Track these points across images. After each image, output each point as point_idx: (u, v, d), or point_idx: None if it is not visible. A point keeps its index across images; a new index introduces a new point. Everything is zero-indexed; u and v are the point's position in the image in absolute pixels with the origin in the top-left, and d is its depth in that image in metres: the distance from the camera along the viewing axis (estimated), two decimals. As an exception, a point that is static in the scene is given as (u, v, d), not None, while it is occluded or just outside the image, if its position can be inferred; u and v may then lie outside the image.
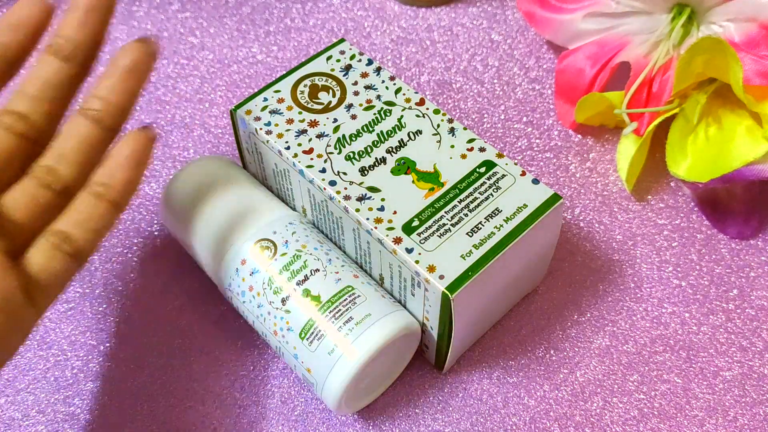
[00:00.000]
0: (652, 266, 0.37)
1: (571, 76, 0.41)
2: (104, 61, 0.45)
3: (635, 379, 0.34)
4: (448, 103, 0.43)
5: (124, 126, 0.28)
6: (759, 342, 0.35)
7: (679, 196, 0.40)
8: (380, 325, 0.30)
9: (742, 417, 0.33)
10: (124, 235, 0.38)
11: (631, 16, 0.39)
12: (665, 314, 0.36)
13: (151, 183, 0.40)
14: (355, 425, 0.33)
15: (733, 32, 0.36)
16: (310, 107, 0.34)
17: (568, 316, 0.36)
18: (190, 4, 0.49)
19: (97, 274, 0.37)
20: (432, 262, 0.29)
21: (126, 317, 0.36)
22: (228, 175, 0.35)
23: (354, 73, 0.35)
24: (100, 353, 0.35)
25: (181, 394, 0.34)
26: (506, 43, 0.46)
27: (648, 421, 0.33)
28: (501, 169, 0.32)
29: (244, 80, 0.45)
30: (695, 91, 0.37)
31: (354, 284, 0.31)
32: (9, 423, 0.33)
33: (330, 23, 0.47)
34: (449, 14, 0.48)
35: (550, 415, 0.33)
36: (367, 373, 0.30)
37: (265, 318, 0.31)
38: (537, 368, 0.34)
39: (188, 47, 0.46)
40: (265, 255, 0.32)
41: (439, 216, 0.31)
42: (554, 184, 0.40)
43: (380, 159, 0.32)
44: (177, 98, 0.44)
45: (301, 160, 0.32)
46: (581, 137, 0.42)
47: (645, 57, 0.39)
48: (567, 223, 0.39)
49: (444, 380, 0.34)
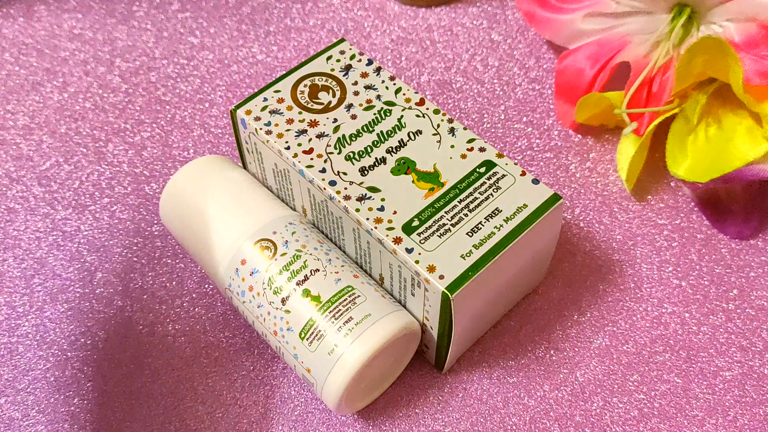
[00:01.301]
0: (652, 266, 0.37)
1: (571, 76, 0.41)
2: (106, 62, 0.45)
3: (635, 379, 0.34)
4: (448, 103, 0.43)
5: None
6: (759, 342, 0.35)
7: (679, 196, 0.40)
8: (380, 325, 0.30)
9: (742, 417, 0.33)
10: (124, 235, 0.38)
11: (631, 16, 0.39)
12: (665, 314, 0.36)
13: (151, 183, 0.40)
14: (355, 425, 0.33)
15: (733, 32, 0.36)
16: (310, 107, 0.34)
17: (568, 316, 0.36)
18: (190, 4, 0.49)
19: (97, 275, 0.37)
20: (432, 262, 0.29)
21: (126, 317, 0.36)
22: (228, 175, 0.35)
23: (354, 73, 0.35)
24: (100, 353, 0.35)
25: (181, 394, 0.34)
26: (506, 43, 0.46)
27: (648, 421, 0.33)
28: (501, 169, 0.32)
29: (244, 80, 0.45)
30: (695, 91, 0.37)
31: (354, 284, 0.31)
32: (9, 423, 0.33)
33: (330, 23, 0.47)
34: (449, 14, 0.48)
35: (550, 415, 0.33)
36: (367, 373, 0.30)
37: (265, 318, 0.31)
38: (537, 368, 0.34)
39: (188, 47, 0.46)
40: (265, 255, 0.32)
41: (439, 216, 0.31)
42: (554, 184, 0.40)
43: (380, 159, 0.32)
44: (177, 98, 0.44)
45: (301, 160, 0.32)
46: (581, 137, 0.42)
47: (645, 57, 0.39)
48: (567, 223, 0.39)
49: (444, 380, 0.34)
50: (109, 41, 0.47)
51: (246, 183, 0.35)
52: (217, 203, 0.34)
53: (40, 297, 0.36)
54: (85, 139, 0.42)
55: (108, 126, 0.43)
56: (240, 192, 0.35)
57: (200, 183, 0.35)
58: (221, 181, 0.35)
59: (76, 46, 0.46)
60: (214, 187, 0.35)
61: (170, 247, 0.38)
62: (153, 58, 0.46)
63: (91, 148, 0.42)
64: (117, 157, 0.41)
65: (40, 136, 0.42)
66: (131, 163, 0.41)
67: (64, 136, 0.42)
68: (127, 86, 0.44)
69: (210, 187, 0.34)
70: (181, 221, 0.35)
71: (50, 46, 0.46)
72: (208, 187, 0.35)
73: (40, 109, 0.44)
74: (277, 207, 0.34)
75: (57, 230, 0.39)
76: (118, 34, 0.47)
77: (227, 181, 0.35)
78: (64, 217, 0.39)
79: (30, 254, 0.38)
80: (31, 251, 0.38)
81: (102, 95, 0.44)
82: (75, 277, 0.37)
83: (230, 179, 0.35)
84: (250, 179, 0.36)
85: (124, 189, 0.40)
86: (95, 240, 0.38)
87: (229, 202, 0.34)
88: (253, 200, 0.34)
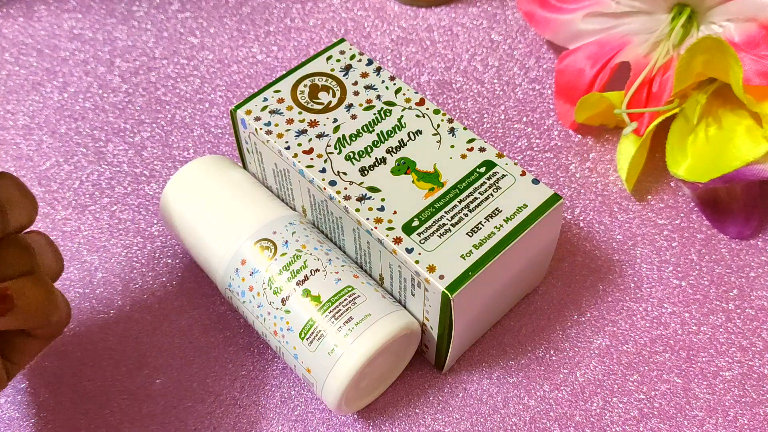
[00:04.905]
0: (652, 266, 0.37)
1: (571, 76, 0.41)
2: (106, 62, 0.45)
3: (635, 379, 0.34)
4: (448, 103, 0.43)
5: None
6: (759, 342, 0.35)
7: (679, 196, 0.40)
8: (380, 325, 0.30)
9: (742, 417, 0.33)
10: (124, 235, 0.38)
11: (631, 16, 0.39)
12: (665, 314, 0.36)
13: (151, 183, 0.40)
14: (355, 425, 0.33)
15: (733, 32, 0.36)
16: (310, 107, 0.34)
17: (568, 316, 0.36)
18: (190, 4, 0.49)
19: (97, 275, 0.37)
20: (432, 262, 0.29)
21: (126, 317, 0.36)
22: (228, 175, 0.35)
23: (354, 73, 0.35)
24: (100, 353, 0.35)
25: (180, 394, 0.34)
26: (506, 43, 0.46)
27: (648, 421, 0.33)
28: (501, 169, 0.32)
29: (244, 80, 0.45)
30: (695, 91, 0.37)
31: (354, 284, 0.31)
32: (9, 423, 0.33)
33: (330, 23, 0.47)
34: (449, 14, 0.48)
35: (550, 415, 0.33)
36: (367, 373, 0.30)
37: (265, 318, 0.31)
38: (537, 368, 0.34)
39: (188, 47, 0.46)
40: (265, 255, 0.32)
41: (439, 216, 0.31)
42: (554, 184, 0.40)
43: (380, 159, 0.32)
44: (177, 98, 0.44)
45: (301, 160, 0.32)
46: (581, 137, 0.42)
47: (645, 57, 0.39)
48: (567, 223, 0.39)
49: (444, 380, 0.34)
50: (109, 41, 0.47)
51: (246, 183, 0.35)
52: (217, 203, 0.34)
53: (40, 297, 0.36)
54: (85, 139, 0.42)
55: (108, 126, 0.43)
56: (240, 192, 0.35)
57: (200, 183, 0.35)
58: (221, 181, 0.35)
59: (76, 46, 0.46)
60: (214, 187, 0.35)
61: (170, 247, 0.38)
62: (153, 58, 0.46)
63: (91, 148, 0.42)
64: (117, 157, 0.41)
65: (40, 136, 0.42)
66: (131, 163, 0.41)
67: (64, 136, 0.42)
68: (127, 86, 0.44)
69: (210, 187, 0.34)
70: (181, 221, 0.35)
71: (50, 46, 0.46)
72: (208, 187, 0.35)
73: (40, 109, 0.44)
74: (277, 207, 0.34)
75: (57, 230, 0.39)
76: (118, 34, 0.47)
77: (227, 181, 0.35)
78: (64, 217, 0.39)
79: (30, 254, 0.38)
80: (31, 251, 0.38)
81: (102, 95, 0.44)
82: (75, 277, 0.37)
83: (230, 179, 0.35)
84: (250, 179, 0.36)
85: (124, 189, 0.40)
86: (95, 240, 0.38)
87: (229, 202, 0.34)
88: (253, 200, 0.34)
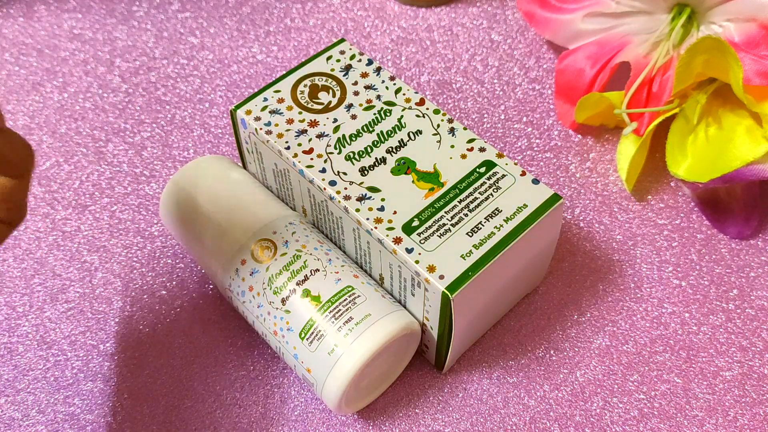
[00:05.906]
0: (652, 266, 0.37)
1: (571, 76, 0.41)
2: (106, 62, 0.45)
3: (635, 379, 0.34)
4: (448, 103, 0.43)
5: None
6: (759, 342, 0.35)
7: (679, 196, 0.40)
8: (380, 325, 0.30)
9: (742, 417, 0.33)
10: (124, 235, 0.38)
11: (631, 16, 0.39)
12: (665, 314, 0.36)
13: (151, 183, 0.40)
14: (355, 425, 0.33)
15: (733, 32, 0.36)
16: (310, 107, 0.34)
17: (568, 316, 0.36)
18: (190, 4, 0.49)
19: (97, 274, 0.37)
20: (432, 262, 0.29)
21: (126, 317, 0.36)
22: (228, 175, 0.35)
23: (354, 73, 0.35)
24: (100, 353, 0.35)
25: (181, 394, 0.34)
26: (506, 43, 0.46)
27: (648, 421, 0.33)
28: (501, 169, 0.32)
29: (244, 80, 0.45)
30: (695, 91, 0.37)
31: (354, 284, 0.31)
32: (9, 423, 0.33)
33: (330, 23, 0.47)
34: (449, 14, 0.48)
35: (550, 415, 0.33)
36: (367, 373, 0.30)
37: (265, 318, 0.31)
38: (537, 368, 0.34)
39: (188, 47, 0.46)
40: (265, 255, 0.32)
41: (439, 216, 0.31)
42: (554, 184, 0.40)
43: (380, 159, 0.32)
44: (177, 98, 0.44)
45: (301, 160, 0.32)
46: (581, 137, 0.42)
47: (645, 57, 0.39)
48: (567, 223, 0.39)
49: (444, 380, 0.34)
50: (109, 41, 0.47)
51: (246, 183, 0.35)
52: (217, 203, 0.34)
53: (40, 297, 0.36)
54: (85, 139, 0.42)
55: (108, 126, 0.43)
56: (240, 192, 0.35)
57: (200, 183, 0.35)
58: (221, 181, 0.35)
59: (76, 46, 0.46)
60: (214, 186, 0.35)
61: (170, 247, 0.38)
62: (153, 58, 0.46)
63: (91, 148, 0.42)
64: (117, 157, 0.41)
65: (40, 136, 0.42)
66: (131, 163, 0.41)
67: (64, 136, 0.42)
68: (127, 86, 0.44)
69: (210, 187, 0.34)
70: (181, 221, 0.35)
71: (50, 46, 0.46)
72: (208, 186, 0.35)
73: (40, 109, 0.44)
74: (277, 207, 0.34)
75: (57, 230, 0.39)
76: (118, 34, 0.47)
77: (227, 181, 0.35)
78: (64, 217, 0.39)
79: (30, 254, 0.38)
80: (31, 251, 0.38)
81: (102, 95, 0.44)
82: (75, 277, 0.37)
83: (230, 179, 0.35)
84: (250, 179, 0.36)
85: (124, 189, 0.40)
86: (95, 240, 0.38)
87: (229, 202, 0.34)
88: (253, 200, 0.34)
